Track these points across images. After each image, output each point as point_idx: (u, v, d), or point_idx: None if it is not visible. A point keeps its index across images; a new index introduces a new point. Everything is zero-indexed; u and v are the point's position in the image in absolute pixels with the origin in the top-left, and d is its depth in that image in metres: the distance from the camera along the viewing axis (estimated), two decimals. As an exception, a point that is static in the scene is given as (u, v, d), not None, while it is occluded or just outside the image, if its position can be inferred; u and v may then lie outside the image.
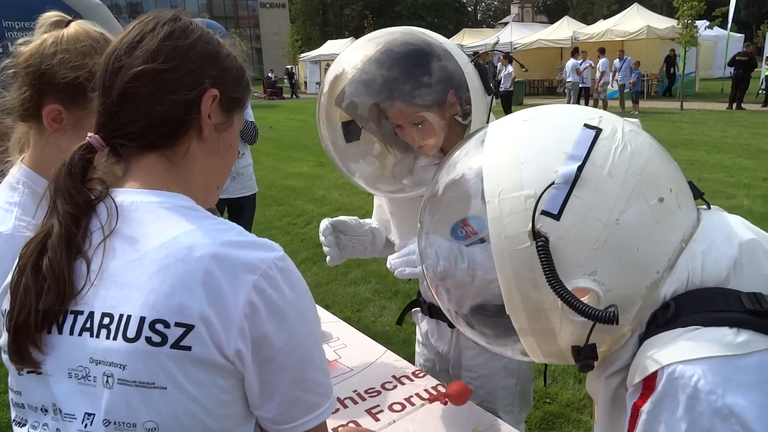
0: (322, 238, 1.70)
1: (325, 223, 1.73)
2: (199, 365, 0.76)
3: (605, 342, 0.86)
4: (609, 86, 16.29)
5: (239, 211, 4.10)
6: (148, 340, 0.75)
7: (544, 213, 0.80)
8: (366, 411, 1.60)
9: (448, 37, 1.64)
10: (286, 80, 31.86)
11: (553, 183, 0.80)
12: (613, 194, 0.80)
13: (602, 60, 15.83)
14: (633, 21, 19.51)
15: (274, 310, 0.79)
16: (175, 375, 0.75)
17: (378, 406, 1.63)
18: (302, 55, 33.34)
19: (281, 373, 0.81)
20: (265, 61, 49.23)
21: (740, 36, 22.71)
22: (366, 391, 1.70)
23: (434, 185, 1.06)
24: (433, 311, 1.80)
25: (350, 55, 1.52)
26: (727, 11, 18.97)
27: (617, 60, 16.28)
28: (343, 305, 4.39)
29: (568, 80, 15.99)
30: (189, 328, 0.75)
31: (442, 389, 1.70)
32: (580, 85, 15.77)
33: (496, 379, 1.72)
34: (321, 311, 2.25)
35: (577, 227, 0.79)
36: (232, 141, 0.95)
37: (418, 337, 1.96)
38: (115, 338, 0.76)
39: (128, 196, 0.84)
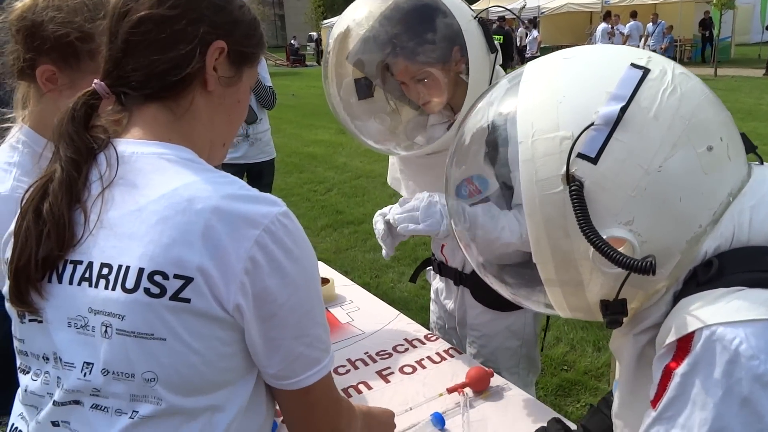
0: (378, 237, 1.62)
1: (380, 224, 1.60)
2: (198, 317, 0.75)
3: (637, 298, 0.80)
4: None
5: (258, 176, 4.09)
6: (147, 291, 0.74)
7: (580, 156, 0.74)
8: (376, 373, 1.60)
9: (473, 2, 1.58)
10: (308, 47, 31.63)
11: (592, 124, 0.74)
12: (658, 139, 0.73)
13: (630, 23, 15.30)
14: (667, -17, 18.79)
15: (277, 266, 0.77)
16: (174, 327, 0.75)
17: (389, 368, 1.62)
18: (325, 21, 32.97)
19: (283, 328, 0.80)
20: (287, 28, 48.76)
21: (780, -2, 21.75)
22: (377, 353, 1.70)
23: (461, 135, 1.00)
24: (443, 269, 1.80)
25: (355, 12, 1.51)
26: (768, -28, 18.17)
27: (650, 24, 15.72)
28: (362, 271, 4.40)
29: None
30: (188, 280, 0.74)
31: (453, 352, 1.69)
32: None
33: (499, 338, 1.71)
34: (335, 274, 2.25)
35: (616, 173, 0.73)
36: (240, 97, 0.93)
37: (432, 294, 1.97)
38: (113, 289, 0.76)
39: (129, 147, 0.82)
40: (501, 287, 1.00)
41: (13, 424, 0.87)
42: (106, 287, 0.76)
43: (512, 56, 2.17)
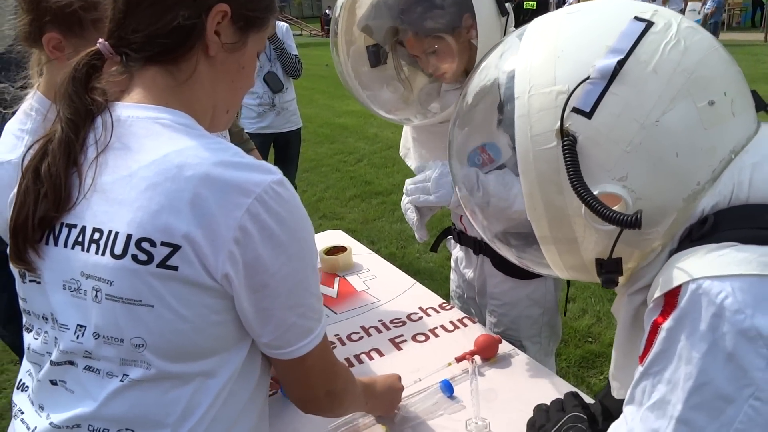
0: (409, 220, 1.59)
1: (411, 213, 1.55)
2: (186, 285, 0.75)
3: (633, 257, 0.79)
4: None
5: (285, 145, 4.11)
6: (134, 258, 0.74)
7: (575, 110, 0.73)
8: (389, 340, 1.61)
9: None
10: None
11: (588, 78, 0.73)
12: (656, 93, 0.71)
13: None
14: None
15: (269, 235, 0.76)
16: (161, 294, 0.75)
17: (402, 335, 1.63)
18: (360, -10, 32.46)
19: (276, 298, 0.80)
20: (323, -2, 48.43)
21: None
22: (391, 321, 1.70)
23: (463, 96, 0.98)
24: (462, 238, 1.78)
25: None
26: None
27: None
28: (388, 241, 4.40)
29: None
30: (175, 248, 0.74)
31: (467, 321, 1.68)
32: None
33: (519, 307, 1.69)
34: (353, 242, 2.26)
35: (610, 127, 0.72)
36: (244, 63, 0.91)
37: (452, 264, 1.95)
38: (103, 254, 0.76)
39: (126, 110, 0.82)
40: (509, 252, 0.99)
41: (21, 380, 0.90)
42: (97, 252, 0.77)
43: (504, 11, 2.06)
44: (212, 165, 0.75)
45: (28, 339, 0.87)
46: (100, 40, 0.84)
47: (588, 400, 1.24)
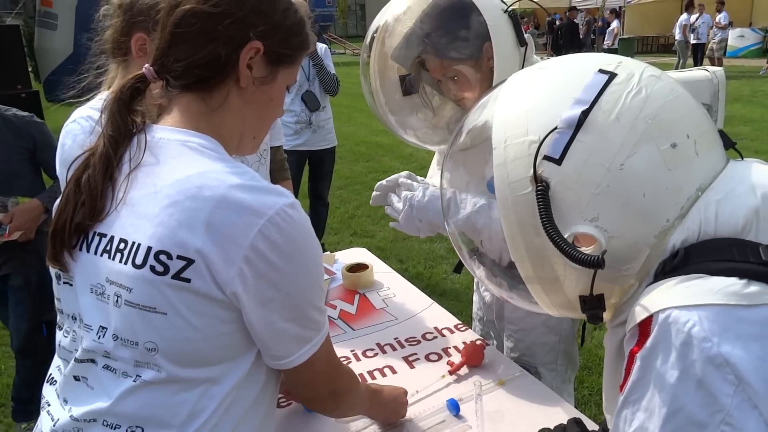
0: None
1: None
2: (198, 296, 0.82)
3: (614, 293, 0.84)
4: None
5: (319, 163, 4.21)
6: (152, 268, 0.81)
7: (546, 158, 0.79)
8: (403, 358, 1.65)
9: None
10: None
11: (556, 128, 0.79)
12: (619, 139, 0.77)
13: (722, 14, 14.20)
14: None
15: (278, 255, 0.82)
16: (174, 303, 0.81)
17: (415, 354, 1.66)
18: (404, 10, 32.81)
19: (281, 312, 0.85)
20: (367, 17, 49.10)
21: None
22: (406, 340, 1.74)
23: (455, 137, 1.05)
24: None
25: (395, 7, 1.55)
26: None
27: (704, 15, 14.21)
28: (416, 261, 4.44)
29: (676, 38, 14.57)
30: (189, 262, 0.80)
31: (480, 343, 1.70)
32: (693, 42, 14.16)
33: (535, 334, 1.70)
34: (376, 261, 2.31)
35: (579, 172, 0.77)
36: (273, 95, 0.97)
37: (474, 285, 1.98)
38: (126, 263, 0.83)
39: (159, 132, 0.90)
40: (499, 291, 1.03)
41: (51, 374, 0.98)
42: (121, 260, 0.84)
43: (522, 41, 2.09)
44: (229, 187, 0.82)
45: (59, 336, 0.95)
46: (146, 65, 0.92)
47: (592, 426, 1.25)
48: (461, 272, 2.06)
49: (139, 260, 0.82)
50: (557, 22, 16.23)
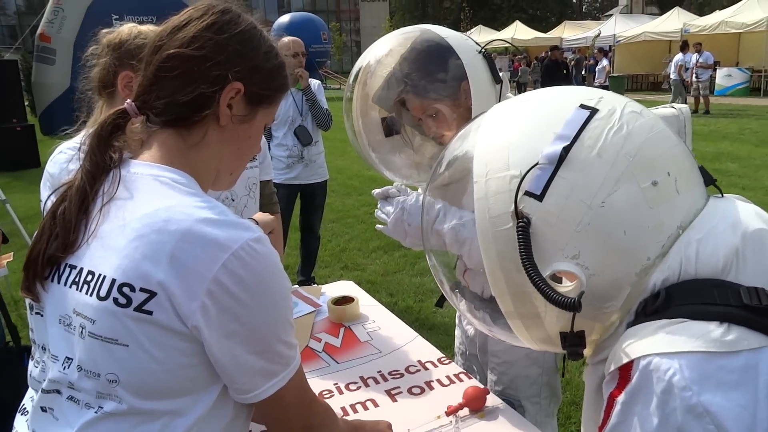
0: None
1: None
2: (160, 329, 0.82)
3: (595, 330, 0.83)
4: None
5: (310, 196, 4.25)
6: (115, 300, 0.82)
7: (527, 194, 0.78)
8: (386, 391, 1.65)
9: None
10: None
11: (537, 163, 0.78)
12: (601, 176, 0.77)
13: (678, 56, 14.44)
14: (752, 11, 17.95)
15: (243, 288, 0.82)
16: (136, 335, 0.82)
17: (398, 387, 1.67)
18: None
19: (245, 345, 0.85)
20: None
21: None
22: (390, 373, 1.74)
23: (436, 166, 1.05)
24: (465, 294, 1.82)
25: (377, 49, 1.62)
26: None
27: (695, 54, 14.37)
28: (406, 294, 4.43)
29: (671, 77, 14.85)
30: (152, 294, 0.81)
31: (463, 377, 1.71)
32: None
33: (518, 366, 1.71)
34: (363, 294, 2.32)
35: (560, 209, 0.77)
36: (252, 133, 0.99)
37: (456, 319, 1.99)
38: (91, 294, 0.84)
39: (134, 167, 0.91)
40: (480, 325, 1.03)
41: (23, 405, 0.99)
42: (87, 292, 0.85)
43: (498, 79, 2.15)
44: (196, 221, 0.83)
45: (31, 366, 0.96)
46: (128, 100, 0.95)
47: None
48: (443, 306, 2.08)
49: (103, 292, 0.83)
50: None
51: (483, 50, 1.52)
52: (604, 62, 15.41)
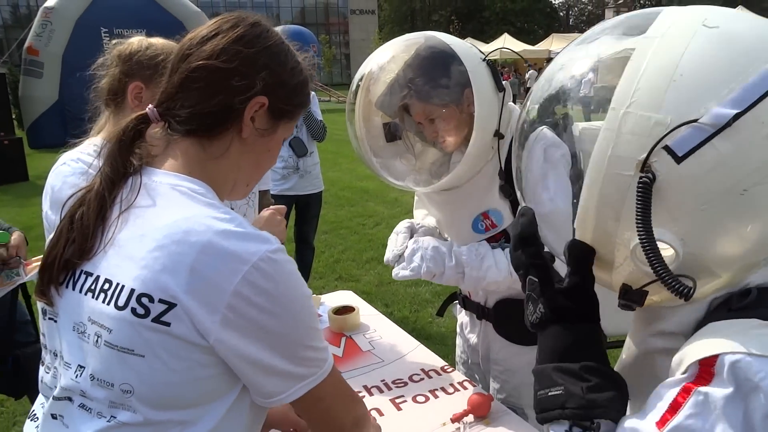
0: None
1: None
2: (177, 340, 0.81)
3: (660, 294, 0.75)
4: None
5: (305, 207, 4.24)
6: (134, 311, 0.81)
7: (666, 149, 0.66)
8: (390, 400, 1.64)
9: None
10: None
11: (695, 120, 0.65)
12: (758, 161, 0.65)
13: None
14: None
15: (265, 299, 0.82)
16: (153, 346, 0.81)
17: (402, 396, 1.66)
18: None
19: (271, 351, 0.85)
20: (352, 67, 50.10)
21: None
22: (393, 382, 1.74)
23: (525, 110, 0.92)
24: (467, 303, 1.83)
25: (380, 56, 1.63)
26: None
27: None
28: (401, 305, 4.43)
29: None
30: (171, 306, 0.80)
31: (467, 384, 1.71)
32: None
33: (521, 374, 1.71)
34: (363, 303, 2.31)
35: (695, 180, 0.66)
36: (270, 146, 0.99)
37: (457, 329, 2.00)
38: (108, 303, 0.83)
39: (153, 176, 0.91)
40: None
41: (33, 411, 0.97)
42: (104, 301, 0.84)
43: (500, 87, 2.09)
44: (215, 233, 0.82)
45: (41, 372, 0.95)
46: (150, 105, 0.94)
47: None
48: (443, 315, 2.08)
49: (121, 302, 0.82)
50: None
51: (486, 58, 1.54)
52: (590, 75, 15.58)
